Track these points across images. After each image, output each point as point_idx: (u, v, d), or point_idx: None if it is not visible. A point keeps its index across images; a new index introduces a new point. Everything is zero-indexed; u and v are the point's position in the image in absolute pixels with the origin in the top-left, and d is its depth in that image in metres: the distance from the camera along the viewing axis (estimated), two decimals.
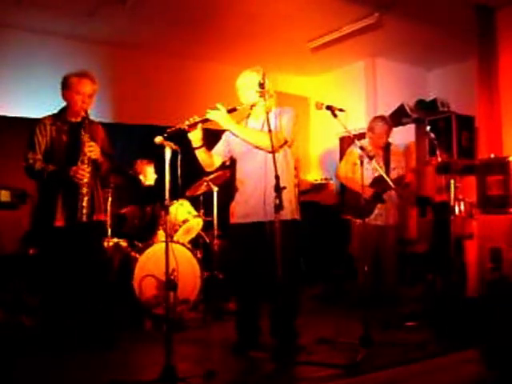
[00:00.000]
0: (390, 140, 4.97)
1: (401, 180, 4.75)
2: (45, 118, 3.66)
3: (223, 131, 3.61)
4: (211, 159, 3.60)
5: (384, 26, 6.06)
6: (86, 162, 3.50)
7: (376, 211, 4.74)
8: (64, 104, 3.70)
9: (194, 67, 6.97)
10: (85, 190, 3.49)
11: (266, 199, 3.28)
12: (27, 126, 5.57)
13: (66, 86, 3.63)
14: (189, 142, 3.42)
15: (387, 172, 4.75)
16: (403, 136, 6.74)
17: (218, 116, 3.32)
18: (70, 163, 3.50)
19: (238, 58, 6.34)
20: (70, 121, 3.66)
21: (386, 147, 4.92)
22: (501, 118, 5.08)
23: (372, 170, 4.54)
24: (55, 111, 3.71)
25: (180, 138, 3.26)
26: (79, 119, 3.62)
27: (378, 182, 4.61)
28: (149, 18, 5.82)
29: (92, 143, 3.54)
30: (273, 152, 3.00)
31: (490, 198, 4.58)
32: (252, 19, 5.86)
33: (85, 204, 3.49)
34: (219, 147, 3.65)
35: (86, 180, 3.48)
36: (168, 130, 3.14)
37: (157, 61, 6.71)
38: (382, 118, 4.99)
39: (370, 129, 4.91)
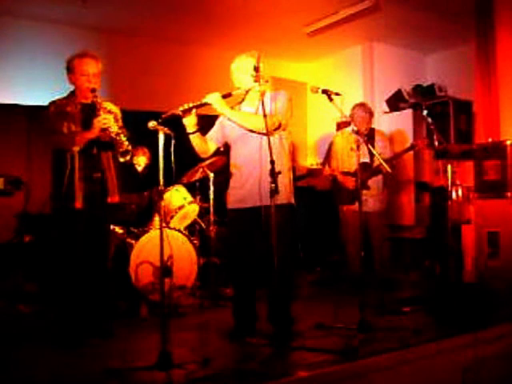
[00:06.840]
0: (375, 126, 4.97)
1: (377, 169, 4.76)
2: (54, 100, 3.52)
3: (218, 117, 3.57)
4: (206, 145, 3.57)
5: (381, 10, 6.00)
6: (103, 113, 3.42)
7: (362, 197, 4.73)
8: (71, 88, 3.58)
9: (189, 52, 6.91)
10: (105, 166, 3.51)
11: (261, 184, 3.27)
12: (22, 113, 5.60)
13: (70, 69, 3.52)
14: (184, 127, 3.39)
15: (371, 158, 4.78)
16: (400, 121, 6.72)
17: (213, 100, 3.28)
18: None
19: (234, 43, 6.27)
20: (80, 102, 3.54)
21: (370, 133, 4.92)
22: (498, 103, 5.04)
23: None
24: (64, 95, 3.57)
25: (176, 124, 3.23)
26: (89, 101, 3.50)
27: (362, 168, 4.60)
28: (144, 4, 5.75)
29: (107, 116, 3.43)
30: (267, 135, 2.98)
31: (488, 183, 4.57)
32: (248, 3, 5.79)
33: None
34: (213, 132, 3.61)
35: (114, 129, 3.40)
36: (162, 116, 3.10)
37: (152, 46, 6.65)
38: (360, 105, 5.01)
39: (351, 117, 4.90)
